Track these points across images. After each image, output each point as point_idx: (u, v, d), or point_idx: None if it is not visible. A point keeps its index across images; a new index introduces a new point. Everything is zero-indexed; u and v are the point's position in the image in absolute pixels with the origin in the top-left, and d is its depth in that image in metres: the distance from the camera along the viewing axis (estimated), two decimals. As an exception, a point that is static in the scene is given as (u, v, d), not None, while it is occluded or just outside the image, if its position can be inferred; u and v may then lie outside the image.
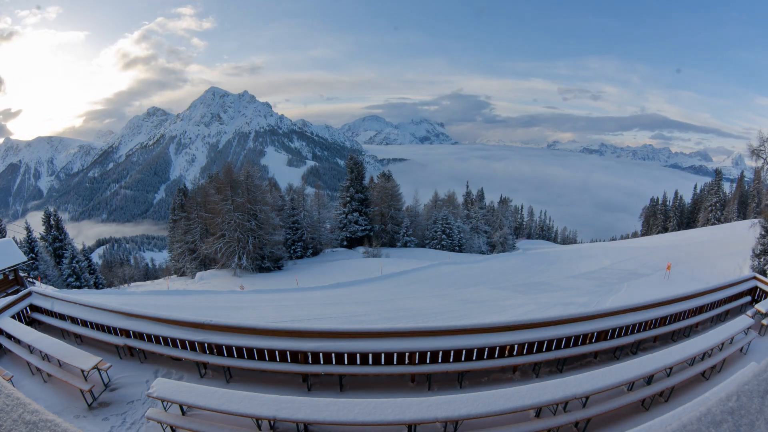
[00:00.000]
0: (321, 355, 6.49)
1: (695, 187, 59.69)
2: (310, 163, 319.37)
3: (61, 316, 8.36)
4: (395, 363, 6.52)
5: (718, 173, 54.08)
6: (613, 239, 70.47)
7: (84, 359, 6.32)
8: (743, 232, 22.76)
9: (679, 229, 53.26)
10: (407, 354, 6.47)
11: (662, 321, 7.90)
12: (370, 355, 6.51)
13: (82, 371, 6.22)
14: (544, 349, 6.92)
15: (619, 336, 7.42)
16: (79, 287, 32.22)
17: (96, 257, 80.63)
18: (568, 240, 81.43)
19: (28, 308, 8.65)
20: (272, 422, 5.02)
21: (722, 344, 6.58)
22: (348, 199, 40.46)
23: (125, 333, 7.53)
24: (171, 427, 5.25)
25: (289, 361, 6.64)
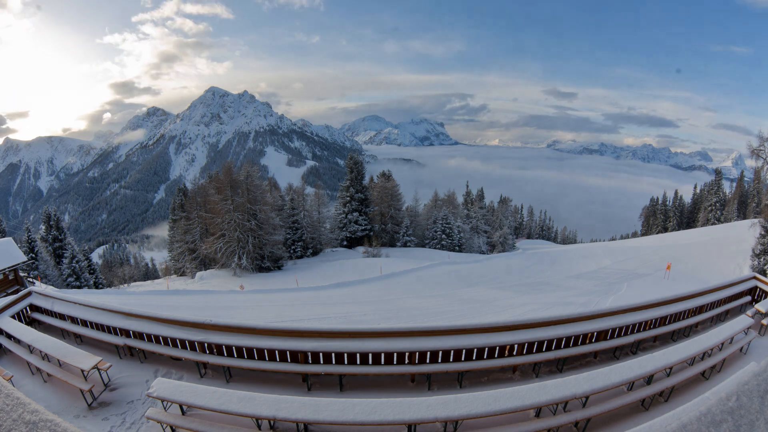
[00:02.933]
0: (321, 355, 6.49)
1: (695, 187, 59.73)
2: (310, 163, 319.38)
3: (61, 316, 8.36)
4: (395, 363, 6.52)
5: (718, 173, 54.13)
6: (613, 239, 70.48)
7: (84, 359, 6.32)
8: (743, 232, 22.77)
9: (679, 229, 53.28)
10: (407, 354, 6.47)
11: (662, 321, 7.90)
12: (370, 355, 6.51)
13: (82, 371, 6.22)
14: (544, 349, 6.92)
15: (618, 336, 7.42)
16: (79, 287, 32.22)
17: (96, 257, 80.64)
18: (568, 240, 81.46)
19: (28, 308, 8.65)
20: (272, 422, 5.02)
21: (722, 344, 6.58)
22: (348, 198, 40.46)
23: (125, 333, 7.53)
24: (171, 427, 5.25)
25: (288, 361, 6.64)
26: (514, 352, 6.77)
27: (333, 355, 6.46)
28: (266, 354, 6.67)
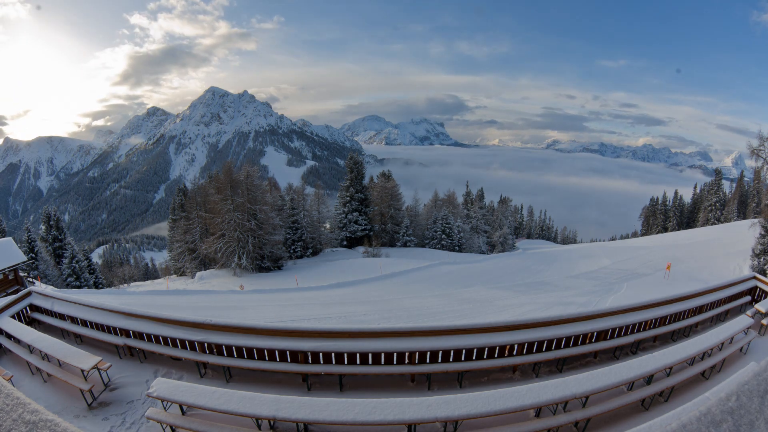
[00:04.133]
0: (321, 354, 6.49)
1: (695, 187, 59.75)
2: (310, 162, 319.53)
3: (61, 316, 8.36)
4: (395, 363, 6.52)
5: (718, 173, 54.13)
6: (613, 239, 70.49)
7: (84, 359, 6.32)
8: (743, 232, 22.77)
9: (679, 229, 53.28)
10: (407, 354, 6.47)
11: (662, 321, 7.90)
12: (370, 355, 6.51)
13: (82, 371, 6.22)
14: (544, 349, 6.92)
15: (618, 336, 7.42)
16: (79, 287, 32.22)
17: (96, 257, 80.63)
18: (568, 240, 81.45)
19: (27, 308, 8.65)
20: (272, 422, 5.02)
21: (722, 344, 6.58)
22: (348, 198, 40.45)
23: (125, 333, 7.53)
24: (171, 427, 5.25)
25: (288, 360, 6.64)
26: (514, 352, 6.77)
27: (333, 355, 6.46)
28: (266, 354, 6.67)
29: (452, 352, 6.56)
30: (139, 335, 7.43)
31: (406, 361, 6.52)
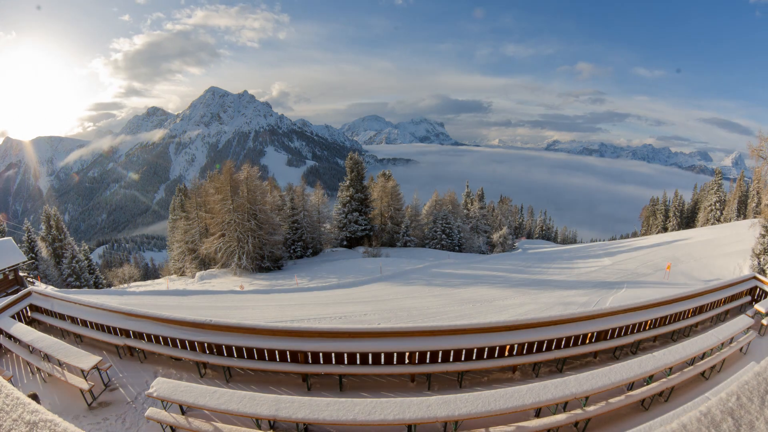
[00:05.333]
0: (321, 354, 6.49)
1: (695, 187, 59.73)
2: (310, 162, 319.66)
3: (61, 316, 8.36)
4: (395, 363, 6.52)
5: (717, 173, 54.09)
6: (613, 239, 70.47)
7: (84, 359, 6.32)
8: (743, 232, 22.77)
9: (679, 229, 53.28)
10: (407, 354, 6.48)
11: (662, 321, 7.90)
12: (370, 355, 6.51)
13: (82, 371, 6.22)
14: (543, 349, 6.92)
15: (618, 336, 7.42)
16: (79, 287, 32.22)
17: (96, 257, 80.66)
18: (568, 240, 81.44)
19: (27, 308, 8.65)
20: (272, 422, 5.02)
21: (722, 344, 6.57)
22: (348, 198, 40.42)
23: (125, 333, 7.53)
24: (171, 427, 5.25)
25: (289, 360, 6.64)
26: (514, 352, 6.77)
27: (333, 355, 6.46)
28: (266, 354, 6.68)
29: (452, 352, 6.56)
30: (139, 335, 7.43)
31: (406, 361, 6.52)
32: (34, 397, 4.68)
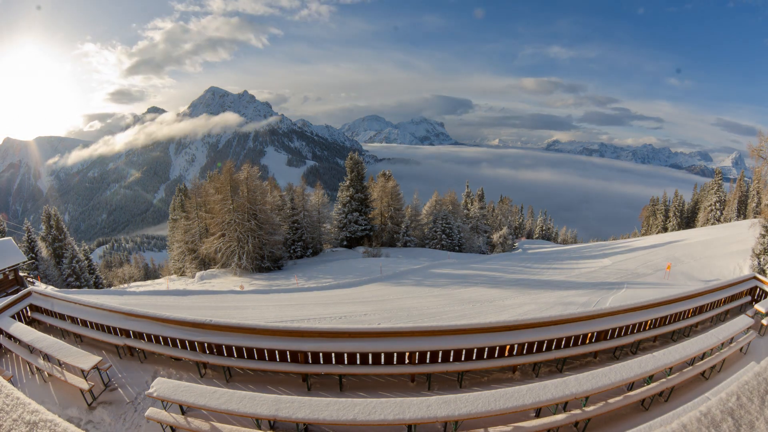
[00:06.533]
0: (321, 354, 6.49)
1: (695, 187, 59.73)
2: (310, 162, 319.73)
3: (61, 316, 8.36)
4: (395, 363, 6.52)
5: (717, 173, 54.09)
6: (613, 239, 70.45)
7: (84, 359, 6.32)
8: (743, 232, 22.77)
9: (679, 229, 53.27)
10: (407, 354, 6.47)
11: (662, 321, 7.90)
12: (370, 355, 6.51)
13: (82, 371, 6.22)
14: (543, 350, 6.92)
15: (618, 336, 7.42)
16: (79, 287, 32.23)
17: (96, 257, 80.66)
18: (568, 240, 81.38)
19: (28, 308, 8.65)
20: (272, 422, 5.02)
21: (722, 344, 6.57)
22: (348, 198, 40.41)
23: (125, 333, 7.53)
24: (171, 427, 5.25)
25: (289, 360, 6.64)
26: (514, 352, 6.77)
27: (333, 355, 6.46)
28: (266, 354, 6.67)
29: (452, 352, 6.55)
30: (139, 335, 7.43)
31: (406, 361, 6.52)
32: None
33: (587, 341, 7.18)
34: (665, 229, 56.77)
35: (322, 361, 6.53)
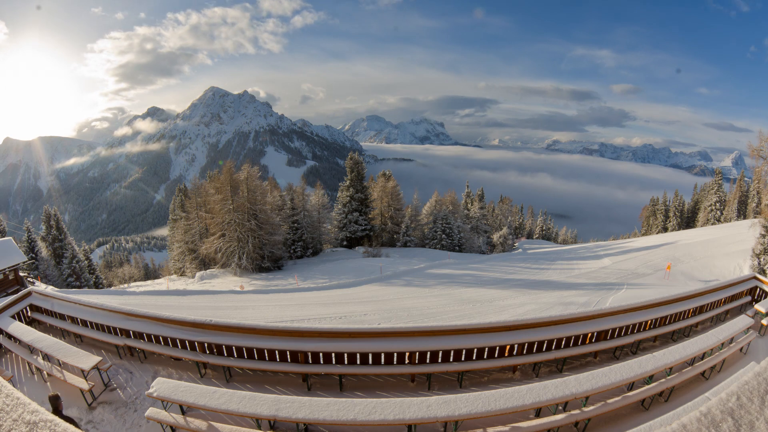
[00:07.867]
0: (321, 355, 6.49)
1: (695, 187, 59.72)
2: (310, 162, 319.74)
3: (61, 316, 8.36)
4: (395, 363, 6.52)
5: (718, 173, 54.10)
6: (613, 239, 70.45)
7: (84, 359, 6.32)
8: (743, 232, 22.76)
9: (679, 229, 53.27)
10: (407, 354, 6.47)
11: (662, 321, 7.90)
12: (370, 355, 6.51)
13: (82, 371, 6.22)
14: (543, 349, 6.92)
15: (619, 336, 7.42)
16: (79, 287, 32.23)
17: (96, 257, 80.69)
18: (568, 240, 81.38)
19: (28, 308, 8.65)
20: (272, 422, 5.02)
21: (722, 344, 6.57)
22: (348, 198, 40.42)
23: (125, 333, 7.53)
24: (171, 427, 5.25)
25: (289, 361, 6.64)
26: (514, 353, 6.77)
27: (333, 355, 6.46)
28: (266, 354, 6.68)
29: (452, 352, 6.56)
30: (139, 335, 7.43)
31: (406, 361, 6.52)
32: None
33: (587, 341, 7.18)
34: (665, 229, 56.76)
35: (322, 361, 6.53)
